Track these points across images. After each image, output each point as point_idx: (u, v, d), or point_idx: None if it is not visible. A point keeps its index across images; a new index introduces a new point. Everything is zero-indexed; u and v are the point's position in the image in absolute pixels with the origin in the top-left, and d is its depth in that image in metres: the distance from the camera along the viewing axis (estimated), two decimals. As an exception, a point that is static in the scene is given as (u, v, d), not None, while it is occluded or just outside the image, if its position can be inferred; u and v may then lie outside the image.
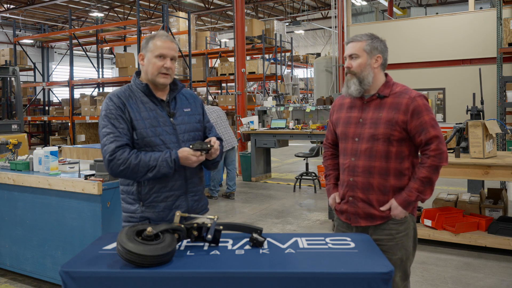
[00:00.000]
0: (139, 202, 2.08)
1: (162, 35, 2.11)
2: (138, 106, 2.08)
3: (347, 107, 2.33)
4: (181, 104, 2.19)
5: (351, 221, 2.30)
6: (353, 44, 2.25)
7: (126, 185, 2.12)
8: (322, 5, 22.49)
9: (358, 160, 2.23)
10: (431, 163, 2.15)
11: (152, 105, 2.10)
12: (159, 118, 2.09)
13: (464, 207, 4.86)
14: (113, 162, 1.97)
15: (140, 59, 2.13)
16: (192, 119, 2.20)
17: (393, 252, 2.20)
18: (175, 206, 2.09)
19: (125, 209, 2.13)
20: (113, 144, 1.98)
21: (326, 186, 2.49)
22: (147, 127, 2.05)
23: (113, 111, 2.04)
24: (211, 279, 1.57)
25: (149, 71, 2.09)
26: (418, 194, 2.17)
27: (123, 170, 1.98)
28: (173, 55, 2.10)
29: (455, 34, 9.29)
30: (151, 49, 2.08)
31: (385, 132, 2.17)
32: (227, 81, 16.98)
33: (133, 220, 2.08)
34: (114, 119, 2.03)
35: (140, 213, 2.07)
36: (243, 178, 8.66)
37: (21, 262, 3.65)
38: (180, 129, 2.13)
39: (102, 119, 2.06)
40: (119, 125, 2.02)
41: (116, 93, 2.10)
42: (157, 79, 2.08)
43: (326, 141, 2.52)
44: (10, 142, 3.93)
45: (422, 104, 2.17)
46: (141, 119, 2.05)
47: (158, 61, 2.07)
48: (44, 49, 17.73)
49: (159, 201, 2.07)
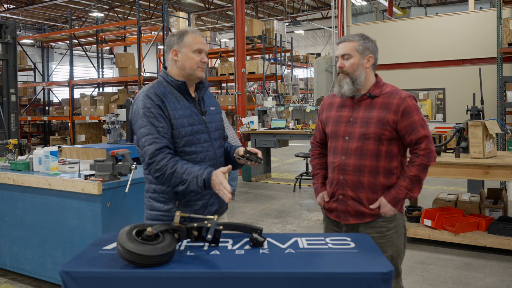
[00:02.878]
0: (175, 201, 2.06)
1: (195, 31, 2.11)
2: (175, 103, 2.04)
3: (337, 106, 2.36)
4: (208, 103, 2.20)
5: (340, 219, 2.33)
6: (345, 44, 2.27)
7: (159, 184, 2.08)
8: (322, 5, 22.50)
9: (349, 159, 2.26)
10: (421, 162, 2.20)
11: (187, 103, 2.09)
12: (195, 116, 2.08)
13: (464, 207, 4.86)
14: (151, 166, 1.95)
15: (174, 54, 2.08)
16: (218, 118, 2.23)
17: (384, 249, 2.22)
18: (209, 204, 2.11)
19: (157, 208, 2.09)
20: (152, 146, 1.94)
21: (314, 185, 2.50)
22: (185, 125, 2.03)
23: (152, 110, 1.98)
24: (211, 279, 1.57)
25: (186, 65, 2.07)
26: (407, 191, 2.22)
27: (158, 177, 1.96)
28: (206, 50, 2.13)
29: (455, 34, 9.28)
30: (188, 44, 2.06)
31: (376, 131, 2.20)
32: (227, 81, 16.98)
33: (166, 219, 2.05)
34: (153, 118, 1.97)
35: (175, 212, 2.06)
36: (243, 178, 8.66)
37: (21, 262, 3.65)
38: (211, 128, 2.15)
39: (140, 118, 1.99)
40: (159, 125, 1.97)
41: (152, 90, 2.04)
42: (196, 73, 2.08)
43: (314, 139, 2.54)
44: (10, 142, 3.94)
45: (412, 105, 2.22)
46: (179, 117, 2.02)
47: (196, 55, 2.06)
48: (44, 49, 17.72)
49: (196, 200, 2.07)
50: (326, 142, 2.44)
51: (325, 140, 2.45)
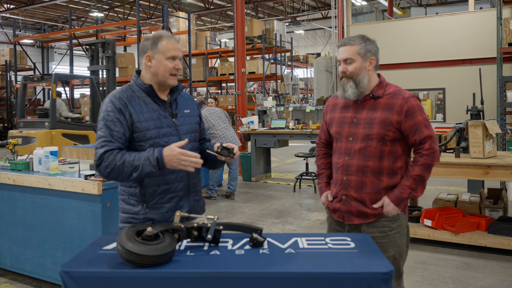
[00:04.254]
0: (142, 203, 2.06)
1: (169, 36, 2.08)
2: (141, 107, 2.04)
3: (341, 107, 2.36)
4: (182, 105, 2.19)
5: (344, 219, 2.32)
6: (346, 48, 2.25)
7: (128, 186, 2.09)
8: (322, 5, 22.50)
9: (352, 160, 2.26)
10: (424, 161, 2.20)
11: (155, 106, 2.08)
12: (163, 119, 2.07)
13: (464, 207, 4.86)
14: (101, 166, 1.94)
15: (147, 60, 2.06)
16: (192, 120, 2.20)
17: (386, 249, 2.21)
18: (178, 207, 2.09)
19: (126, 210, 2.10)
20: (102, 149, 1.94)
21: (319, 184, 2.51)
22: (152, 128, 2.02)
23: (111, 114, 1.99)
24: (211, 279, 1.57)
25: (159, 72, 2.05)
26: (410, 191, 2.21)
27: (110, 172, 1.94)
28: (180, 56, 2.10)
29: (455, 34, 9.28)
30: (162, 50, 2.04)
31: (379, 132, 2.20)
32: (227, 81, 16.98)
33: (135, 221, 2.06)
34: (110, 121, 1.98)
35: (143, 214, 2.05)
36: (243, 178, 8.66)
37: (21, 262, 3.65)
38: (182, 130, 2.12)
39: (99, 120, 2.02)
40: (114, 128, 1.97)
41: (118, 94, 2.05)
42: (168, 80, 2.06)
43: (319, 140, 2.55)
44: (10, 142, 3.93)
45: (415, 105, 2.21)
46: (145, 120, 2.02)
47: (169, 62, 2.04)
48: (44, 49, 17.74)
49: (163, 203, 2.06)
50: (331, 143, 2.44)
51: (330, 140, 2.45)
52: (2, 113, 17.83)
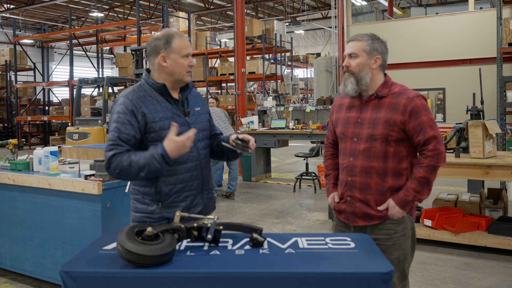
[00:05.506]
0: (158, 202, 2.05)
1: (180, 34, 2.07)
2: (155, 106, 2.03)
3: (346, 107, 2.34)
4: (192, 103, 2.19)
5: (349, 220, 2.31)
6: (353, 43, 2.24)
7: (142, 186, 2.07)
8: (322, 5, 22.50)
9: (356, 160, 2.24)
10: (429, 163, 2.15)
11: (169, 105, 2.07)
12: (177, 118, 2.06)
13: (464, 207, 4.86)
14: (110, 169, 1.95)
15: (162, 60, 2.04)
16: (203, 118, 2.21)
17: (390, 251, 2.20)
18: (193, 205, 2.10)
19: (141, 210, 2.08)
20: (111, 152, 1.94)
21: (326, 185, 2.50)
22: (167, 127, 2.00)
23: (122, 115, 1.98)
24: (211, 279, 1.57)
25: (176, 71, 2.04)
26: (415, 194, 2.17)
27: (119, 174, 1.95)
28: (192, 52, 2.10)
29: (455, 34, 9.29)
30: (176, 50, 2.03)
31: (383, 132, 2.17)
32: (227, 81, 16.98)
33: (150, 220, 2.05)
34: (121, 123, 1.97)
35: (159, 213, 2.04)
36: (243, 178, 8.66)
37: (21, 262, 3.65)
38: (195, 128, 2.13)
39: (110, 122, 2.01)
40: (124, 131, 1.96)
41: (130, 95, 2.03)
42: (184, 78, 2.07)
43: (327, 141, 2.53)
44: (10, 142, 3.93)
45: (420, 105, 2.18)
46: (160, 120, 2.01)
47: (185, 61, 2.05)
48: (44, 49, 17.74)
49: (179, 201, 2.06)
50: (338, 143, 2.42)
51: (337, 141, 2.43)
52: (2, 113, 17.83)
